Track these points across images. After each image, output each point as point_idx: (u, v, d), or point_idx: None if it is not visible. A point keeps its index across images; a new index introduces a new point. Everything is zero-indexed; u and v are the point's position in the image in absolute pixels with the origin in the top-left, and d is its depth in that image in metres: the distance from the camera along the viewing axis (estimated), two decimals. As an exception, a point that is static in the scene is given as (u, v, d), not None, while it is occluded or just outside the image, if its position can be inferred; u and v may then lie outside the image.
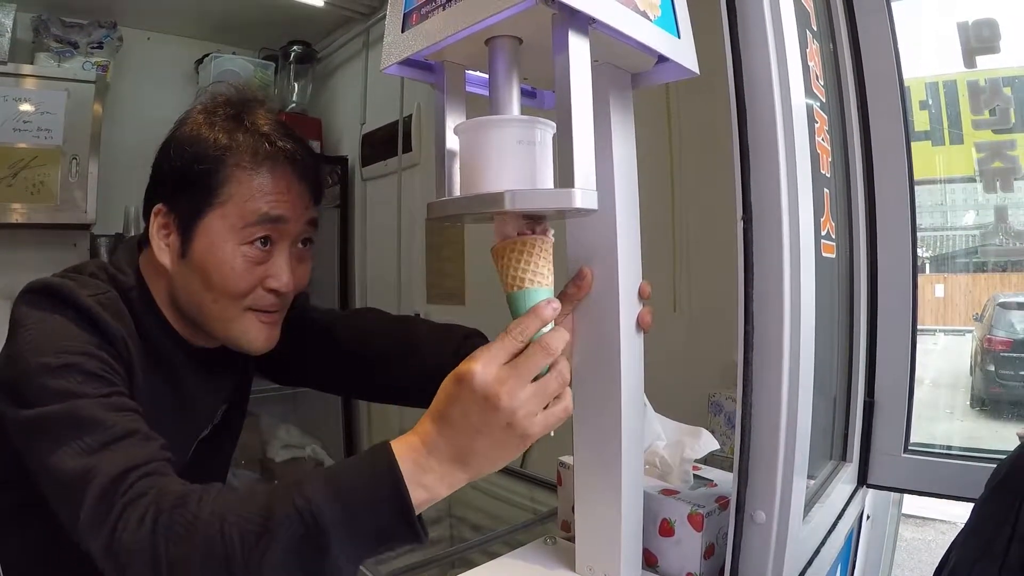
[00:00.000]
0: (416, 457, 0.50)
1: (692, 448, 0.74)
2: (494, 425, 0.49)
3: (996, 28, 0.99)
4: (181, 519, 0.49)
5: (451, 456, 0.51)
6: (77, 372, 0.59)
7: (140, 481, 0.53)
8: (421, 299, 2.12)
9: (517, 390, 0.49)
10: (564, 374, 0.52)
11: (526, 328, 0.51)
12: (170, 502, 0.50)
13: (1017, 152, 1.08)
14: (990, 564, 0.54)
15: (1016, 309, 2.25)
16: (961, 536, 0.61)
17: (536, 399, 0.50)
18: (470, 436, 0.50)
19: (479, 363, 0.49)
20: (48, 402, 0.57)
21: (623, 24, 0.49)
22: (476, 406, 0.49)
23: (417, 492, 0.50)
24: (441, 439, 0.51)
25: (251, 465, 2.27)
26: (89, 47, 2.14)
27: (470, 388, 0.49)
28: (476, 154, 0.50)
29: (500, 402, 0.48)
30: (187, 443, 0.78)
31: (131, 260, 0.74)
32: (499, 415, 0.49)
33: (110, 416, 0.57)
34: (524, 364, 0.50)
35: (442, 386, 0.51)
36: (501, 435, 0.50)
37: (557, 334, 0.52)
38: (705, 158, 1.29)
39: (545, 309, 0.52)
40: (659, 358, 0.77)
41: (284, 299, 0.73)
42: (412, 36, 0.53)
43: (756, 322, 0.61)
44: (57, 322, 0.62)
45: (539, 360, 0.50)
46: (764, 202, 0.60)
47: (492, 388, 0.49)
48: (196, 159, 0.68)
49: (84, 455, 0.54)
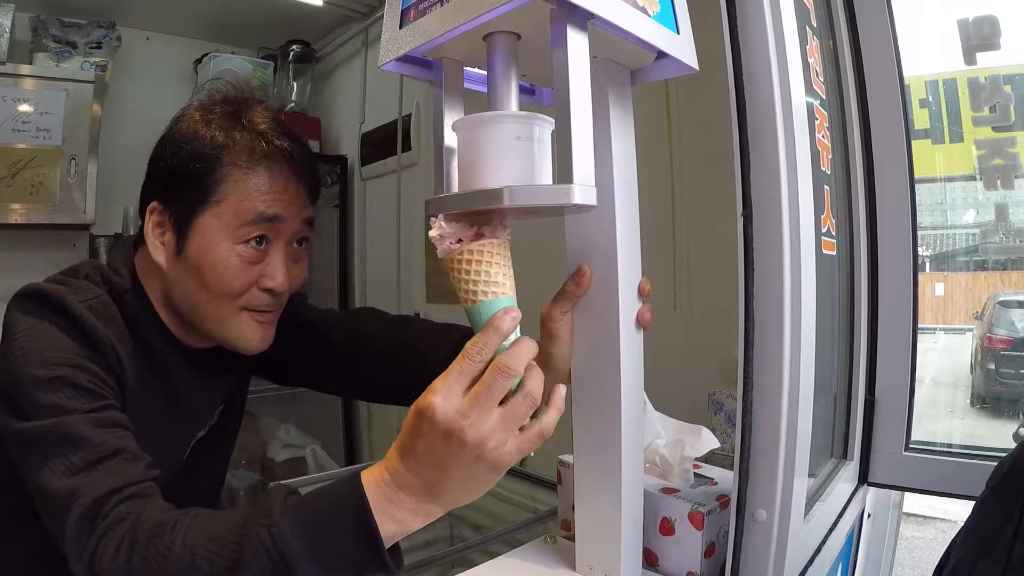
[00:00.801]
0: (386, 491, 0.49)
1: (692, 446, 0.74)
2: (463, 459, 0.47)
3: (996, 25, 0.99)
4: (155, 550, 0.49)
5: (421, 489, 0.49)
6: (67, 385, 0.59)
7: (120, 505, 0.53)
8: (421, 298, 2.12)
9: (481, 421, 0.46)
10: (534, 393, 0.48)
11: (484, 346, 0.48)
12: (146, 531, 0.51)
13: (1017, 149, 1.08)
14: (991, 562, 0.54)
15: (1016, 307, 2.25)
16: (961, 534, 0.61)
17: (504, 426, 0.47)
18: (438, 471, 0.48)
19: (439, 395, 0.47)
20: (38, 416, 0.57)
21: (622, 19, 0.49)
22: (440, 442, 0.47)
23: (388, 525, 0.49)
24: (409, 474, 0.49)
25: (251, 465, 2.27)
26: (88, 47, 2.14)
27: (431, 423, 0.47)
28: (474, 150, 0.49)
29: (465, 436, 0.46)
30: (183, 444, 0.77)
31: (127, 260, 0.74)
32: (466, 450, 0.46)
33: (97, 434, 0.57)
34: (485, 393, 0.47)
35: (406, 418, 0.49)
36: (471, 468, 0.47)
37: (517, 350, 0.48)
38: (705, 156, 1.29)
39: (503, 321, 0.48)
40: (659, 356, 0.77)
41: (279, 299, 0.73)
42: (410, 32, 0.53)
43: (756, 319, 0.61)
44: (47, 330, 0.62)
45: (500, 384, 0.47)
46: (764, 198, 0.60)
47: (455, 423, 0.46)
48: (192, 157, 0.68)
49: (69, 475, 0.54)
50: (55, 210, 1.98)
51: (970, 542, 0.58)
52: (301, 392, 2.41)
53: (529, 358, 0.49)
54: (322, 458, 2.31)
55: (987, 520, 0.57)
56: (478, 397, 0.47)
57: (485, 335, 0.49)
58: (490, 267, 0.50)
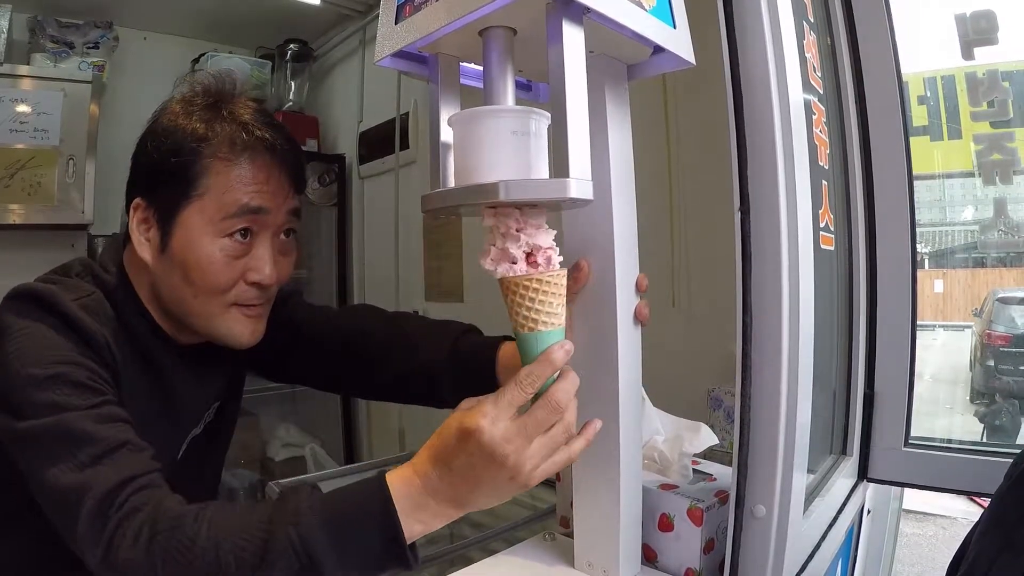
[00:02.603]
0: (413, 494, 0.51)
1: (691, 443, 0.73)
2: (499, 479, 0.50)
3: (994, 19, 0.99)
4: (178, 541, 0.50)
5: (449, 498, 0.51)
6: (65, 383, 0.58)
7: (134, 495, 0.53)
8: (419, 297, 2.11)
9: (524, 448, 0.49)
10: (570, 424, 0.51)
11: (537, 378, 0.50)
12: (167, 522, 0.51)
13: (1016, 144, 1.08)
14: (1014, 556, 0.53)
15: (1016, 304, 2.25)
16: (979, 529, 0.60)
17: (542, 452, 0.50)
18: (472, 485, 0.50)
19: (487, 419, 0.49)
20: (38, 415, 0.57)
21: (618, 13, 0.49)
22: (482, 462, 0.49)
23: (412, 527, 0.51)
24: (442, 484, 0.51)
25: (251, 465, 2.27)
26: (85, 47, 2.14)
27: (478, 444, 0.49)
28: (470, 145, 0.49)
29: (507, 460, 0.49)
30: (177, 441, 0.77)
31: (115, 257, 0.73)
32: (504, 471, 0.49)
33: (100, 428, 0.57)
34: (532, 424, 0.49)
35: (445, 432, 0.51)
36: (504, 485, 0.50)
37: (564, 386, 0.51)
38: (704, 152, 1.29)
39: (557, 354, 0.51)
40: (659, 353, 0.77)
41: (267, 292, 0.72)
42: (405, 28, 0.53)
43: (754, 314, 0.60)
44: (42, 331, 0.62)
45: (548, 419, 0.50)
46: (761, 193, 0.60)
47: (500, 448, 0.48)
48: (173, 151, 0.67)
49: (77, 470, 0.54)
50: (53, 210, 1.97)
51: (991, 536, 0.57)
52: (301, 391, 2.41)
53: (575, 391, 0.52)
54: (321, 457, 2.31)
55: (1008, 513, 0.57)
56: (526, 427, 0.49)
57: (539, 365, 0.50)
58: (553, 298, 0.51)
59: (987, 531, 0.58)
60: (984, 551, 0.56)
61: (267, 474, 2.21)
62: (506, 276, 0.51)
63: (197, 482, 0.83)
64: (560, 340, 0.52)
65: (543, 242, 0.51)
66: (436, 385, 0.78)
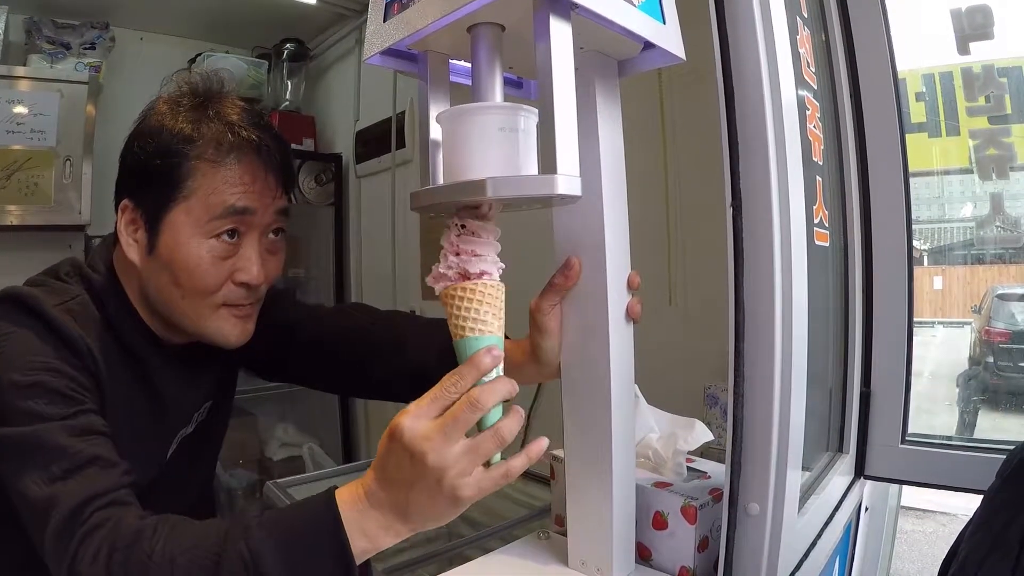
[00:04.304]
0: (359, 506, 0.51)
1: (685, 440, 0.73)
2: (426, 480, 0.49)
3: (989, 14, 0.98)
4: (135, 557, 0.50)
5: (391, 507, 0.51)
6: (43, 392, 0.59)
7: (98, 512, 0.53)
8: (416, 296, 2.11)
9: (443, 448, 0.48)
10: (503, 432, 0.50)
11: (461, 379, 0.50)
12: (126, 539, 0.51)
13: (1012, 139, 1.07)
14: (1002, 557, 0.53)
15: (1015, 300, 2.25)
16: (970, 528, 0.60)
17: (468, 457, 0.49)
18: (405, 489, 0.50)
19: (408, 416, 0.49)
20: (15, 423, 0.57)
21: (606, 9, 0.48)
22: (406, 461, 0.49)
23: (359, 541, 0.51)
24: (380, 490, 0.51)
25: (249, 464, 2.27)
26: (81, 48, 2.13)
27: (399, 442, 0.49)
28: (458, 142, 0.49)
29: (426, 459, 0.48)
30: (166, 441, 0.77)
31: (105, 257, 0.73)
32: (428, 472, 0.48)
33: (73, 442, 0.57)
34: (451, 422, 0.48)
35: (383, 437, 0.51)
36: (434, 492, 0.49)
37: (491, 386, 0.50)
38: (699, 150, 1.28)
39: (483, 359, 0.50)
40: (655, 351, 0.76)
41: (256, 292, 0.72)
42: (394, 25, 0.53)
43: (747, 310, 0.60)
44: (24, 335, 0.62)
45: (465, 415, 0.48)
46: (753, 189, 0.60)
47: (418, 444, 0.48)
48: (159, 153, 0.67)
49: (47, 483, 0.55)
50: (50, 211, 1.97)
51: (980, 536, 0.57)
52: (298, 391, 2.40)
53: (504, 397, 0.50)
54: (319, 456, 2.31)
55: (998, 514, 0.56)
56: (444, 425, 0.48)
57: (464, 367, 0.51)
58: (480, 305, 0.52)
59: (977, 531, 0.58)
60: (973, 552, 0.56)
61: (265, 474, 2.21)
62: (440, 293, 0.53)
63: (188, 481, 0.83)
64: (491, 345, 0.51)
65: (473, 269, 0.52)
66: (427, 384, 0.77)
